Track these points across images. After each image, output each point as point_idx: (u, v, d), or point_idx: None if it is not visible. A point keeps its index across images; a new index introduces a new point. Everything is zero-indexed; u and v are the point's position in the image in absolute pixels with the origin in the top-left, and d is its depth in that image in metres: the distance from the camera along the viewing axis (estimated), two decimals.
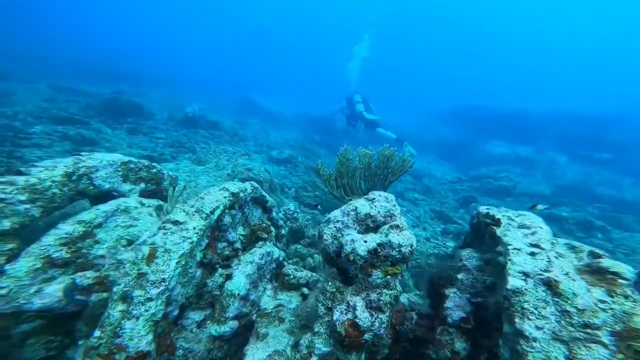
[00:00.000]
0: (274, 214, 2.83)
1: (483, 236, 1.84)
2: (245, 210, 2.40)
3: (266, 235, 2.46)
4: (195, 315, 1.87)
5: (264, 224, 2.57)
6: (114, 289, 1.45)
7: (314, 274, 2.36)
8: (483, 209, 1.73)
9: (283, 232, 3.06)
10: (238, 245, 2.24)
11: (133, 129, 9.62)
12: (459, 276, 1.58)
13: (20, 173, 1.76)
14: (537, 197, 9.73)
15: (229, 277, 2.05)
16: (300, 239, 4.19)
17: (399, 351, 1.71)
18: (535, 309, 1.01)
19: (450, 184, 10.46)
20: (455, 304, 1.49)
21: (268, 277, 2.32)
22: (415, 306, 1.93)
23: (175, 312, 1.72)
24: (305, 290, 2.25)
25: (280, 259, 2.50)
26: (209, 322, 1.88)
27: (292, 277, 2.29)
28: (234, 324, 1.90)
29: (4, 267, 1.52)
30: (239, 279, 2.03)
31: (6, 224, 1.61)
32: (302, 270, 2.37)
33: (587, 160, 13.97)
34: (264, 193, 2.60)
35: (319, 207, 4.93)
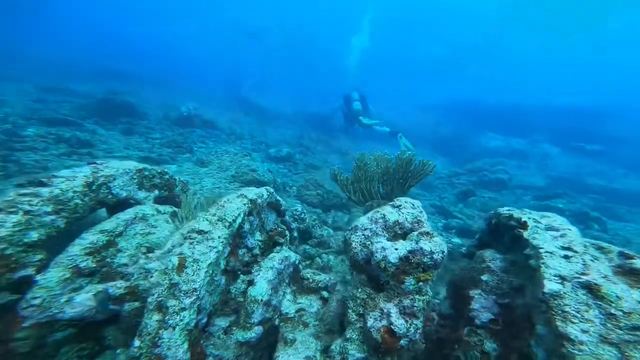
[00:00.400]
0: (287, 217, 2.86)
1: (502, 237, 1.89)
2: (262, 215, 2.42)
3: (283, 240, 2.48)
4: (221, 322, 1.89)
5: (279, 229, 2.60)
6: (149, 299, 1.48)
7: (332, 277, 2.40)
8: (504, 210, 1.78)
9: (295, 234, 3.08)
10: (257, 251, 2.26)
11: (128, 130, 9.50)
12: (483, 277, 1.62)
13: (42, 184, 1.76)
14: (533, 189, 9.91)
15: (250, 283, 2.07)
16: (308, 239, 4.22)
17: (423, 352, 1.75)
18: (578, 312, 1.06)
19: (448, 178, 10.57)
20: (481, 306, 1.53)
21: (287, 281, 2.35)
22: (435, 306, 1.98)
23: (204, 320, 1.74)
24: (324, 293, 2.28)
25: (297, 262, 2.53)
26: (234, 328, 1.90)
27: (311, 280, 2.32)
28: (259, 329, 1.92)
29: (36, 278, 1.54)
30: (261, 284, 2.05)
31: (34, 235, 1.64)
32: (319, 274, 2.40)
33: (579, 152, 14.25)
34: (278, 197, 2.62)
35: (332, 211, 4.97)
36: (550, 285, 1.12)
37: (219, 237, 1.80)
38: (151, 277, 1.73)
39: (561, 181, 10.86)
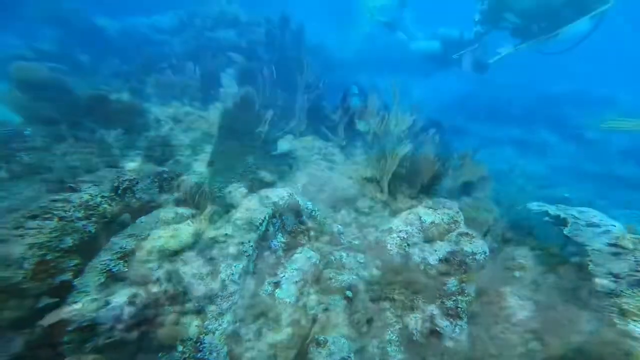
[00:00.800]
0: (304, 216, 2.85)
1: (530, 233, 1.89)
2: (283, 217, 2.42)
3: (304, 241, 2.48)
4: (252, 325, 1.89)
5: (299, 229, 2.59)
6: (187, 304, 1.48)
7: (353, 276, 2.40)
8: (534, 205, 1.77)
9: (312, 233, 3.08)
10: (280, 252, 2.26)
11: (125, 127, 9.32)
12: (516, 274, 1.63)
13: (73, 190, 1.77)
14: (535, 178, 9.94)
15: (277, 285, 2.07)
16: (319, 237, 4.21)
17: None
18: (639, 310, 1.06)
19: None
20: (517, 303, 1.54)
21: (310, 281, 2.35)
22: None
23: (238, 323, 1.74)
24: (348, 293, 2.28)
25: (317, 262, 2.53)
26: (264, 330, 1.91)
27: (334, 280, 2.32)
28: (288, 331, 1.93)
29: (74, 282, 1.54)
30: (288, 287, 2.05)
31: (69, 241, 1.66)
32: (342, 273, 2.40)
33: (579, 139, 14.31)
34: (297, 198, 2.61)
35: (339, 207, 4.92)
36: (604, 283, 1.13)
37: (249, 241, 1.80)
38: (184, 281, 1.73)
39: (562, 169, 10.91)
